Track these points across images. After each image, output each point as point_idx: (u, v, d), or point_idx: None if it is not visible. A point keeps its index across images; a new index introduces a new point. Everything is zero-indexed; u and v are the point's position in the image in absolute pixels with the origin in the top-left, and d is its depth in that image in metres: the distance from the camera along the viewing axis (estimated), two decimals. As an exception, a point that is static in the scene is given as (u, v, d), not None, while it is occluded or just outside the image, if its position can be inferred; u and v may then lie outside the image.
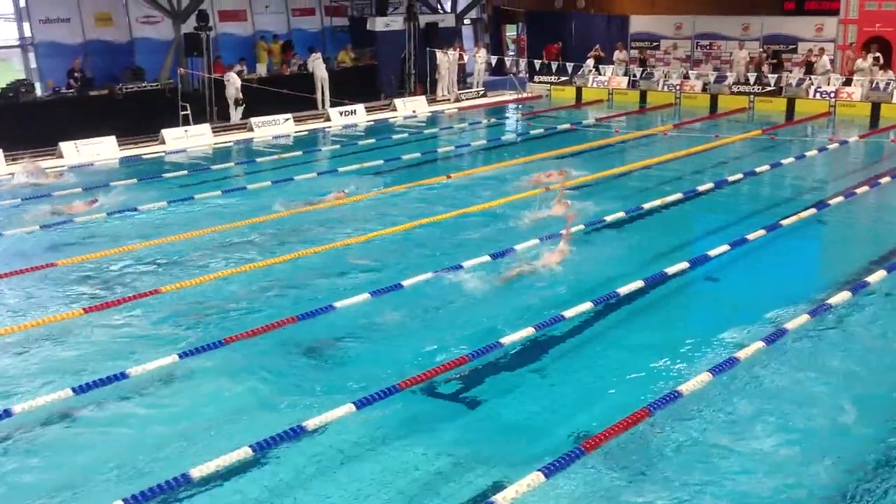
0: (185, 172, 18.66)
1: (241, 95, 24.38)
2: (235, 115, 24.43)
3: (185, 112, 23.27)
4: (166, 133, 21.87)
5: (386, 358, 9.14)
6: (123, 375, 8.43)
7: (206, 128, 22.79)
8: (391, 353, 9.27)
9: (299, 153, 21.04)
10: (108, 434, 7.66)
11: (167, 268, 12.10)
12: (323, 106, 26.29)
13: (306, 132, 24.07)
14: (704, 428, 7.63)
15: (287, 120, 24.31)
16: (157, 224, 14.39)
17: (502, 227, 13.85)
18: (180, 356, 8.90)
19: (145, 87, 23.89)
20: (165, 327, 9.96)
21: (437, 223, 14.15)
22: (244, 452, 7.00)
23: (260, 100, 24.59)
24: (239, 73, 25.29)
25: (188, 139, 22.07)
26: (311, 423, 7.44)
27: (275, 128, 23.82)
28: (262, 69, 26.89)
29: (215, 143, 22.25)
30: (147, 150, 21.12)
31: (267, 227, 14.06)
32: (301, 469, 7.04)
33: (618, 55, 31.32)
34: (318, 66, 26.74)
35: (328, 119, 25.27)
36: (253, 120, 23.70)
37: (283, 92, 24.91)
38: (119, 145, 20.84)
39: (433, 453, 7.26)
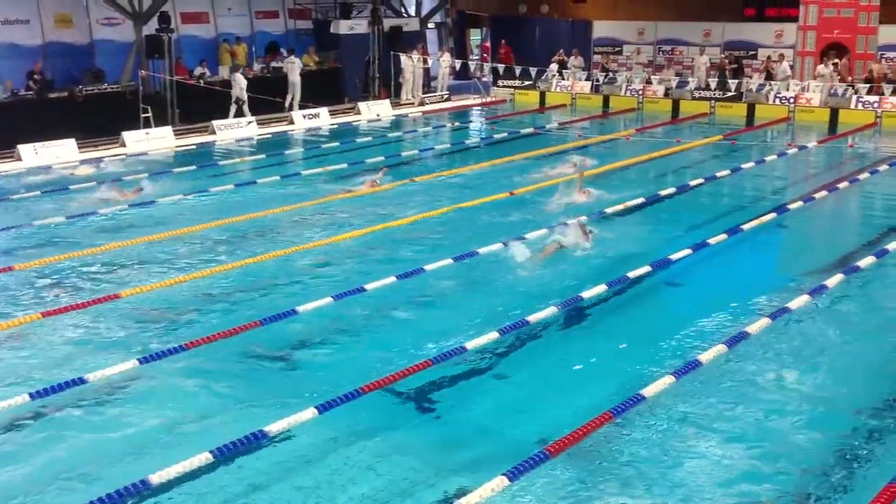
0: (146, 175, 18.47)
1: (244, 97, 24.48)
2: (232, 113, 24.47)
3: (146, 114, 23.02)
4: (127, 136, 21.63)
5: (348, 362, 9.11)
6: (82, 381, 8.31)
7: (167, 130, 22.58)
8: (354, 357, 9.25)
9: (262, 156, 20.92)
10: (66, 440, 7.55)
11: (128, 271, 11.96)
12: (290, 109, 26.13)
13: (270, 135, 23.92)
14: (668, 430, 7.67)
15: (250, 123, 24.16)
16: (117, 227, 14.23)
17: (465, 230, 13.86)
18: (140, 361, 8.79)
19: (106, 89, 23.56)
20: (126, 332, 9.84)
21: (400, 227, 14.13)
22: (205, 458, 6.91)
23: (223, 102, 24.41)
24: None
25: (149, 142, 21.84)
26: (273, 428, 7.37)
27: (238, 130, 23.66)
28: (224, 72, 26.67)
29: (177, 146, 22.06)
30: (108, 153, 20.87)
31: (229, 231, 13.93)
32: (263, 474, 6.98)
33: (573, 61, 31.57)
34: (291, 70, 26.56)
35: (292, 122, 25.15)
36: (215, 123, 23.53)
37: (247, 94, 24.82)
38: (79, 148, 20.58)
39: (396, 458, 7.23)
